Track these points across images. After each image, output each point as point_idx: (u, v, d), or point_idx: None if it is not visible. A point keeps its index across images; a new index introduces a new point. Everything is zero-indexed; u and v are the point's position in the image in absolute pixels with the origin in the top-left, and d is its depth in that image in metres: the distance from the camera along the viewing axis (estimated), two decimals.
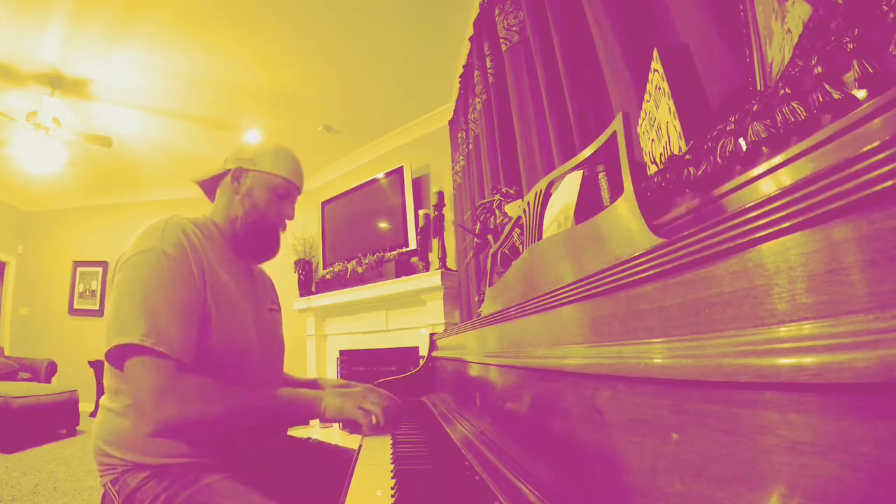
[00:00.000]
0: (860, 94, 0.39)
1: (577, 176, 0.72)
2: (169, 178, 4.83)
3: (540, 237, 0.74)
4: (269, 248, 1.03)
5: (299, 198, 1.07)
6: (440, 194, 3.19)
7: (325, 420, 0.87)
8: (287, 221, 1.04)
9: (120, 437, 0.80)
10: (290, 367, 1.24)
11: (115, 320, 0.76)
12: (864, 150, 0.17)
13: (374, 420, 0.88)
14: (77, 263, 5.29)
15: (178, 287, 0.80)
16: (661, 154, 0.76)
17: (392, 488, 0.63)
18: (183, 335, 0.77)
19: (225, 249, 0.97)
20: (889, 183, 0.17)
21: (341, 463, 1.00)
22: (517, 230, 1.10)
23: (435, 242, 3.21)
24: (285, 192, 1.01)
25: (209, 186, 1.06)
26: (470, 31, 2.50)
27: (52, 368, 4.15)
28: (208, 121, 3.69)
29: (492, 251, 1.25)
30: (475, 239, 1.70)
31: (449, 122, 3.50)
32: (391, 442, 0.92)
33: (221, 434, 0.82)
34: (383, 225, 3.78)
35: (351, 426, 0.91)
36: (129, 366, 0.75)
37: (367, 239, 3.85)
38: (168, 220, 0.86)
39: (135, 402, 0.76)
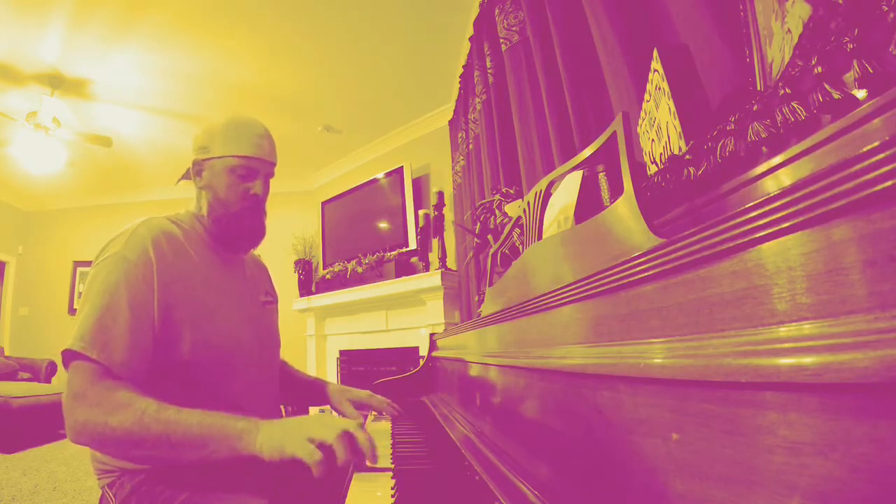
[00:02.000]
0: (860, 94, 0.39)
1: (577, 176, 0.72)
2: (169, 177, 4.82)
3: (540, 237, 0.74)
4: (248, 234, 0.95)
5: (299, 198, 1.03)
6: (440, 194, 3.20)
7: (265, 458, 0.66)
8: (258, 196, 0.92)
9: None
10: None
11: (73, 327, 0.75)
12: (864, 150, 0.17)
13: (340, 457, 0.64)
14: (77, 263, 5.29)
15: (129, 296, 0.76)
16: (661, 154, 0.76)
17: (392, 488, 0.63)
18: (124, 343, 0.73)
19: (209, 246, 0.94)
20: (889, 183, 0.17)
21: None
22: (517, 230, 1.09)
23: (435, 242, 3.21)
24: (247, 172, 0.91)
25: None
26: (470, 31, 2.50)
27: (52, 368, 4.15)
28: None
29: (492, 251, 1.25)
30: (475, 239, 1.70)
31: (449, 122, 3.50)
32: (391, 442, 0.91)
33: (140, 456, 0.73)
34: (383, 225, 3.78)
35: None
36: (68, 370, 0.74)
37: (367, 239, 3.85)
38: (139, 226, 0.83)
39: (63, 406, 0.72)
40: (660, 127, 0.76)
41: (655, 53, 0.76)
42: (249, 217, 0.93)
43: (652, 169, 0.80)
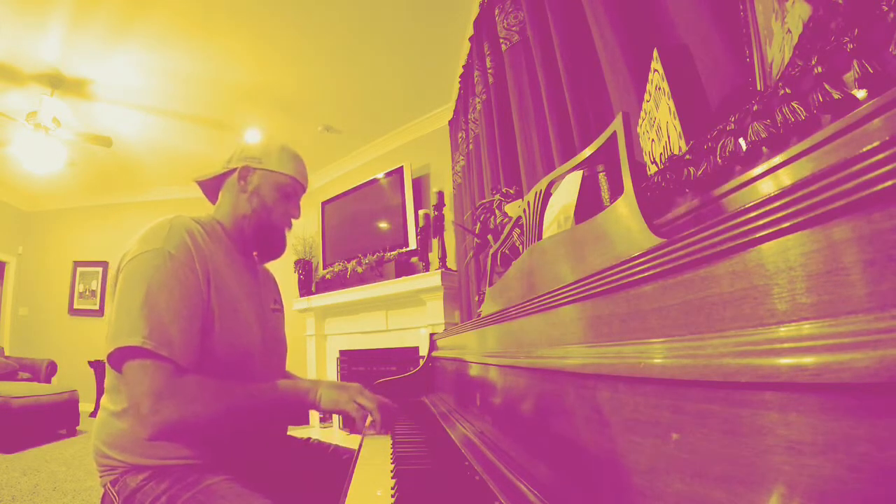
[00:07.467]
0: (860, 94, 0.39)
1: (577, 176, 0.72)
2: (169, 178, 4.83)
3: (540, 237, 0.74)
4: (276, 246, 1.03)
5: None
6: (440, 194, 3.19)
7: (321, 410, 0.88)
8: (293, 221, 1.04)
9: (119, 439, 0.80)
10: (291, 367, 1.24)
11: (117, 322, 0.75)
12: (864, 150, 0.17)
13: (369, 420, 0.89)
14: (77, 263, 5.29)
15: (181, 289, 0.79)
16: (661, 154, 0.76)
17: (392, 488, 0.63)
18: (184, 337, 0.76)
19: (230, 249, 0.96)
20: (889, 183, 0.17)
21: (341, 463, 1.00)
22: (517, 230, 1.09)
23: (435, 242, 3.20)
24: (292, 191, 1.02)
25: (211, 186, 1.04)
26: (470, 31, 2.50)
27: (52, 368, 4.15)
28: (208, 121, 3.69)
29: (492, 251, 1.25)
30: (475, 239, 1.70)
31: (449, 122, 3.50)
32: (391, 442, 0.92)
33: (223, 433, 0.82)
34: (383, 225, 3.78)
35: (351, 424, 0.88)
36: (127, 368, 0.74)
37: (367, 239, 3.85)
38: (173, 220, 0.85)
39: (132, 404, 0.74)
40: (660, 127, 0.76)
41: (655, 53, 0.76)
42: (281, 234, 1.04)
43: (652, 169, 0.80)
